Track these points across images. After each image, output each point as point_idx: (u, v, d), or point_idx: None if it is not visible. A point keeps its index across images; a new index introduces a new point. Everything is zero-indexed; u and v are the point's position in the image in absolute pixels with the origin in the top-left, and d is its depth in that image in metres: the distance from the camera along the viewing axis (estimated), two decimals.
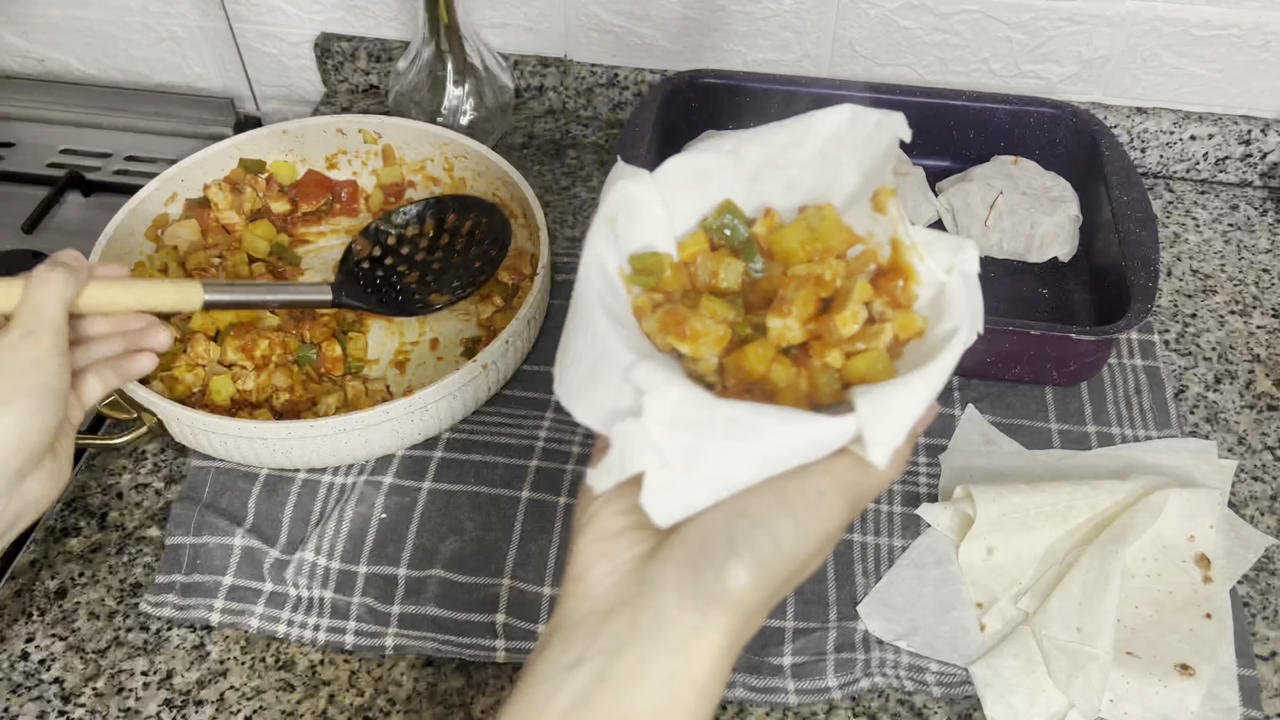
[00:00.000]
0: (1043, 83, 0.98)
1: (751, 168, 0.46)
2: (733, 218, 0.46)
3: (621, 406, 0.39)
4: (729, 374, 0.43)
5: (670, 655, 0.37)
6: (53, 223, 1.01)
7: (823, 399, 0.42)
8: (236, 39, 1.10)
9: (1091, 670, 0.62)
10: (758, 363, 0.42)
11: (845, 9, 0.95)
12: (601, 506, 0.41)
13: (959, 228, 0.90)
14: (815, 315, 0.43)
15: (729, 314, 0.43)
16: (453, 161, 0.88)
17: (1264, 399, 0.81)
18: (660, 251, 0.45)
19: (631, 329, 0.43)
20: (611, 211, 0.44)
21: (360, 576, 0.69)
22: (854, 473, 0.39)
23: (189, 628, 0.68)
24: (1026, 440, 0.77)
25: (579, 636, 0.38)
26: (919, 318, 0.43)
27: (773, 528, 0.38)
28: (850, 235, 0.45)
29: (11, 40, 1.13)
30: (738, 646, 0.39)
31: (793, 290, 0.42)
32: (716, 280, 0.45)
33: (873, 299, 0.43)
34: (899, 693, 0.65)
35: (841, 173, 0.46)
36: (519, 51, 1.04)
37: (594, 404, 0.40)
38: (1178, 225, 0.95)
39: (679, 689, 0.37)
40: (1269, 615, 0.68)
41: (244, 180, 0.87)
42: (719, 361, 0.43)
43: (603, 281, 0.43)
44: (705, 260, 0.45)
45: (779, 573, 0.38)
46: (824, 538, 0.39)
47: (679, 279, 0.45)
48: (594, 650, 0.37)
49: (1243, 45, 0.92)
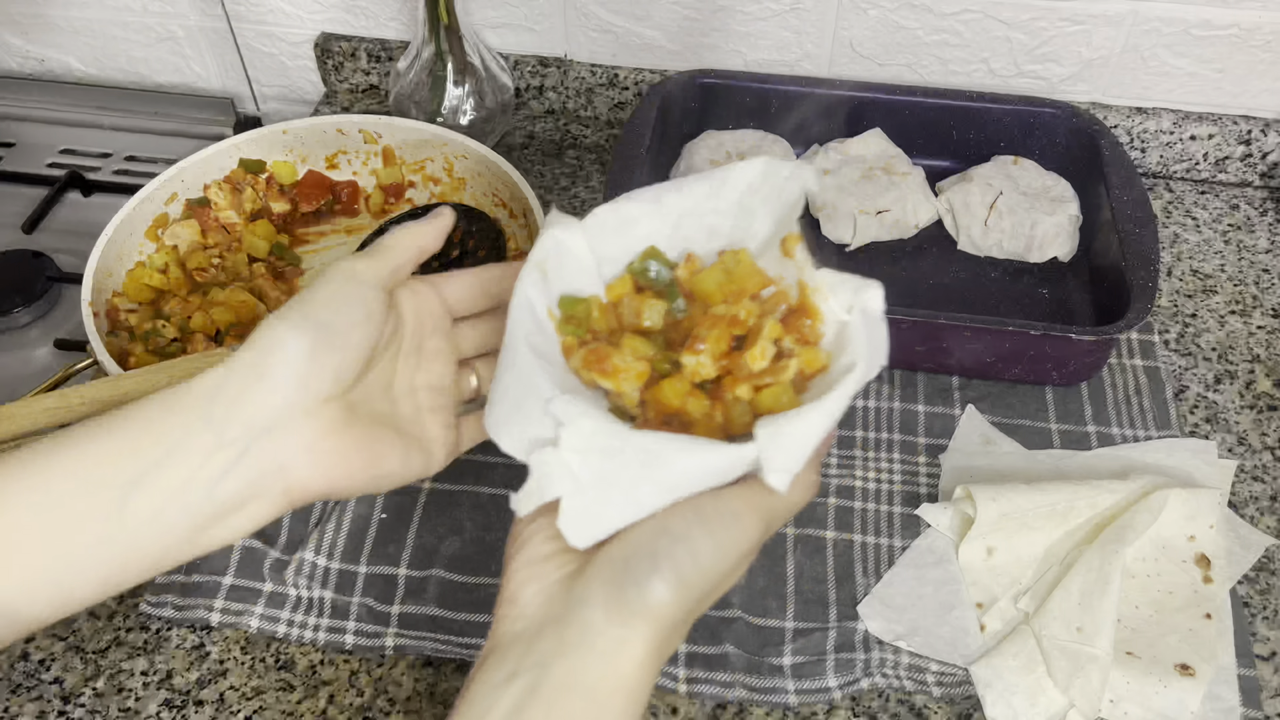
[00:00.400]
0: (1043, 83, 0.98)
1: (674, 216, 0.50)
2: (657, 262, 0.49)
3: (542, 437, 0.43)
4: (649, 407, 0.46)
5: (598, 665, 0.39)
6: (53, 223, 1.01)
7: (736, 429, 0.45)
8: (236, 39, 1.10)
9: (1091, 670, 0.62)
10: (674, 396, 0.45)
11: (845, 9, 0.95)
12: (532, 534, 0.44)
13: (959, 228, 0.90)
14: (728, 352, 0.46)
15: (649, 351, 0.47)
16: (453, 161, 0.88)
17: (1264, 399, 0.81)
18: (587, 295, 0.49)
19: (559, 367, 0.46)
20: (542, 257, 0.48)
21: (360, 576, 0.69)
22: (766, 496, 0.42)
23: (189, 628, 0.68)
24: (1026, 440, 0.77)
25: (513, 654, 0.40)
26: (823, 354, 0.47)
27: (692, 545, 0.40)
28: (763, 278, 0.49)
29: (11, 40, 1.13)
30: (661, 656, 0.41)
31: (705, 329, 0.46)
32: (640, 320, 0.48)
33: (782, 336, 0.47)
34: (899, 693, 0.65)
35: (756, 220, 0.50)
36: (519, 51, 1.04)
37: (518, 435, 0.43)
38: (1178, 225, 0.95)
39: (607, 696, 0.39)
40: (1269, 615, 0.68)
41: (244, 180, 0.87)
42: (640, 396, 0.46)
43: (531, 322, 0.46)
44: (631, 301, 0.48)
45: (697, 587, 0.41)
46: (739, 555, 0.42)
47: (607, 319, 0.48)
48: (527, 665, 0.39)
49: (1243, 45, 0.92)
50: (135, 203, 0.81)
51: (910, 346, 0.79)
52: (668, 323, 0.49)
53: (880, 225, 0.90)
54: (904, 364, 0.81)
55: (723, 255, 0.49)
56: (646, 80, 1.02)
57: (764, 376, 0.45)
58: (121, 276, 0.80)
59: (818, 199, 0.91)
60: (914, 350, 0.79)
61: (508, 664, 0.40)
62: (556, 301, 0.48)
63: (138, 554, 0.43)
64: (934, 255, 0.90)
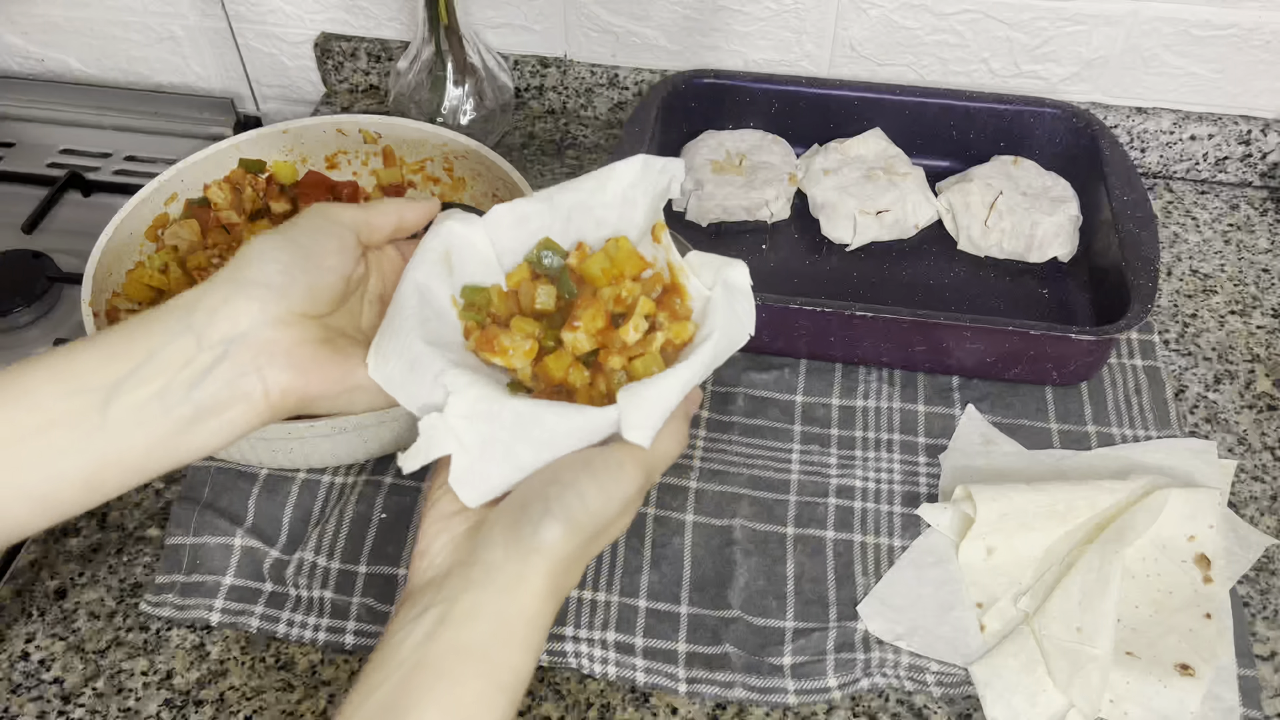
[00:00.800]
0: (1043, 83, 0.98)
1: (565, 210, 0.55)
2: (551, 252, 0.55)
3: (433, 402, 0.48)
4: (539, 380, 0.53)
5: (500, 596, 0.44)
6: (53, 223, 1.01)
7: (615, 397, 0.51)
8: (236, 39, 1.10)
9: (1091, 670, 0.62)
10: (557, 369, 0.52)
11: (845, 9, 0.95)
12: (441, 495, 0.48)
13: (959, 228, 0.90)
14: (606, 328, 0.53)
15: (534, 330, 0.53)
16: (453, 161, 0.88)
17: (1264, 399, 0.81)
18: (487, 285, 0.55)
19: (458, 348, 0.52)
20: (444, 248, 0.54)
21: (360, 576, 0.69)
22: (644, 449, 0.48)
23: (189, 628, 0.68)
24: (1026, 440, 0.77)
25: (425, 595, 0.45)
26: (691, 326, 0.53)
27: (580, 490, 0.46)
28: (641, 262, 0.55)
29: (11, 40, 1.13)
30: (559, 590, 0.46)
31: (582, 309, 0.52)
32: (534, 303, 0.54)
33: (654, 313, 0.53)
34: (899, 693, 0.65)
35: (637, 211, 0.55)
36: (519, 51, 1.04)
37: (411, 396, 0.49)
38: (1178, 225, 0.95)
39: (510, 622, 0.44)
40: (1269, 615, 0.68)
41: (244, 180, 0.87)
42: (532, 371, 0.53)
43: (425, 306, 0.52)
44: (527, 287, 0.54)
45: (587, 528, 0.46)
46: (624, 500, 0.47)
47: (506, 305, 0.54)
48: (437, 600, 0.44)
49: (1243, 45, 0.92)
50: (135, 203, 0.81)
51: (910, 346, 0.79)
52: (560, 305, 0.54)
53: (880, 225, 0.90)
54: (904, 364, 0.81)
55: (606, 243, 0.55)
56: (646, 80, 1.02)
57: (636, 349, 0.52)
58: (121, 276, 0.80)
59: (818, 199, 0.92)
60: (914, 350, 0.79)
61: (419, 603, 0.44)
62: (459, 290, 0.54)
63: (118, 457, 0.45)
64: (934, 255, 0.90)
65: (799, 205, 0.94)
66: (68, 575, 0.71)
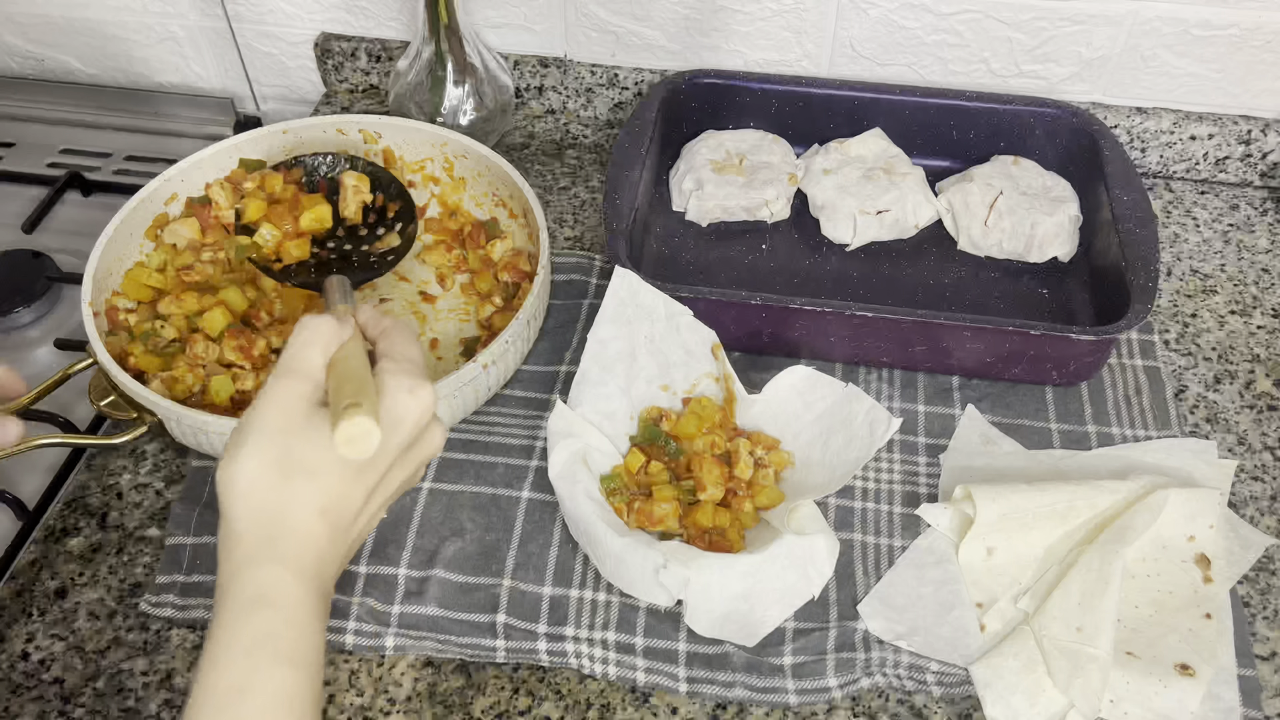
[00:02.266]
0: (1043, 83, 0.98)
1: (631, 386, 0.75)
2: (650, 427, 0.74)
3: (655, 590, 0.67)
4: (689, 528, 0.70)
5: None
6: (53, 223, 1.01)
7: (750, 525, 0.71)
8: (236, 39, 1.10)
9: (1091, 670, 0.62)
10: (704, 519, 0.70)
11: (845, 9, 0.95)
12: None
13: (959, 228, 0.90)
14: (725, 474, 0.71)
15: (674, 493, 0.71)
16: (453, 161, 0.88)
17: (1264, 399, 0.81)
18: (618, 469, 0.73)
19: (619, 524, 0.69)
20: (580, 452, 0.71)
21: (360, 576, 0.69)
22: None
23: (189, 628, 0.68)
24: (1026, 440, 0.77)
25: None
26: (785, 454, 0.74)
27: None
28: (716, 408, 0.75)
29: (11, 40, 1.13)
30: None
31: (701, 470, 0.71)
32: (655, 479, 0.72)
33: (753, 448, 0.73)
34: (899, 693, 0.65)
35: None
36: (519, 51, 1.04)
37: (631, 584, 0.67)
38: (1178, 225, 0.95)
39: None
40: (1269, 615, 0.68)
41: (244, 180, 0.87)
42: (680, 523, 0.70)
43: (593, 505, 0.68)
44: (646, 469, 0.73)
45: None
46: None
47: (635, 481, 0.73)
48: None
49: (1243, 45, 0.92)
50: (135, 203, 0.81)
51: (910, 346, 0.79)
52: (670, 465, 0.73)
53: (880, 225, 0.90)
54: (904, 364, 0.81)
55: (688, 403, 0.75)
56: (646, 80, 1.02)
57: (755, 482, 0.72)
58: (121, 276, 0.80)
59: (818, 199, 0.92)
60: (914, 350, 0.79)
61: None
62: (598, 481, 0.71)
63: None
64: (934, 255, 0.90)
65: (799, 205, 0.94)
66: (68, 575, 0.71)
